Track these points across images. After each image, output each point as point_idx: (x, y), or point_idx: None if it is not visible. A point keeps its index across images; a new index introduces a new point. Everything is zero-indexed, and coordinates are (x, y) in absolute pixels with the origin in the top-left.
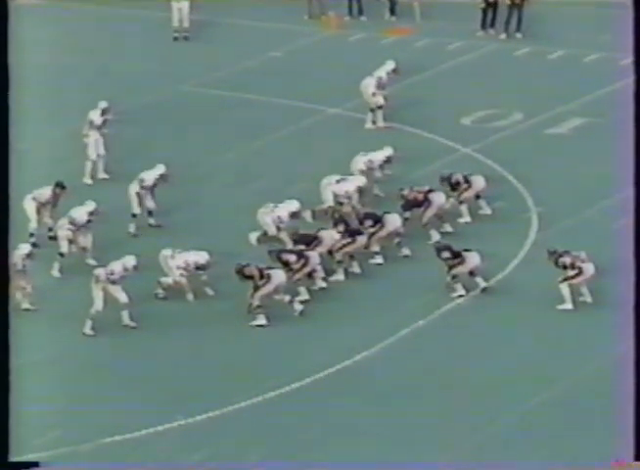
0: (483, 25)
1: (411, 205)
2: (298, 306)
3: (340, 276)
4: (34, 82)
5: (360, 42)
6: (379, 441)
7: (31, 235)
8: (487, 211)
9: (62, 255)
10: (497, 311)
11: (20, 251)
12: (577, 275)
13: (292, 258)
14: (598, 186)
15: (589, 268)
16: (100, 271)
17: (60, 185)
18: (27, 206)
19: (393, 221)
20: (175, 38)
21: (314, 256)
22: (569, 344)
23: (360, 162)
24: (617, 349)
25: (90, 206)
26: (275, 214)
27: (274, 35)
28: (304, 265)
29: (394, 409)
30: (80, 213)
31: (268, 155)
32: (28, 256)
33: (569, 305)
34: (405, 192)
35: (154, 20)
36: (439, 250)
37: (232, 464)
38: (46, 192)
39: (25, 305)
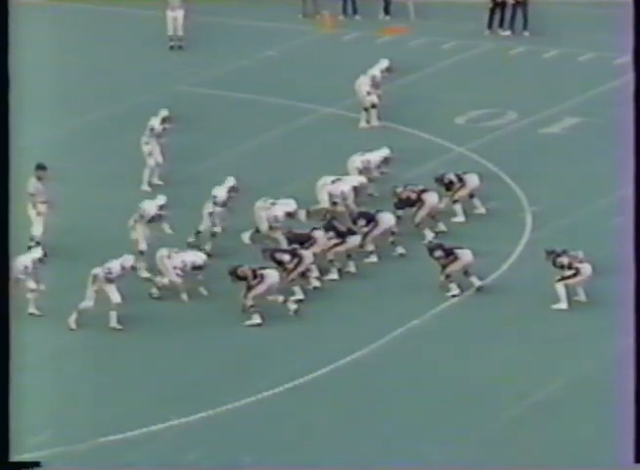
0: (490, 25)
1: (404, 203)
2: (293, 306)
3: (334, 275)
4: (34, 82)
5: (354, 41)
6: (374, 440)
7: (31, 239)
8: (482, 210)
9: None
10: (492, 311)
11: (31, 254)
12: (574, 275)
13: (285, 257)
14: (592, 186)
15: (586, 269)
16: (98, 271)
17: (40, 167)
18: (29, 209)
19: (387, 220)
20: (171, 47)
21: (308, 255)
22: (564, 343)
23: (357, 161)
24: (613, 348)
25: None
26: (271, 213)
27: (268, 34)
28: (298, 265)
29: (390, 409)
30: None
31: (262, 154)
32: (40, 260)
33: (563, 305)
34: (399, 190)
35: (152, 19)
36: (431, 249)
37: (226, 464)
38: (31, 181)
39: (32, 310)
